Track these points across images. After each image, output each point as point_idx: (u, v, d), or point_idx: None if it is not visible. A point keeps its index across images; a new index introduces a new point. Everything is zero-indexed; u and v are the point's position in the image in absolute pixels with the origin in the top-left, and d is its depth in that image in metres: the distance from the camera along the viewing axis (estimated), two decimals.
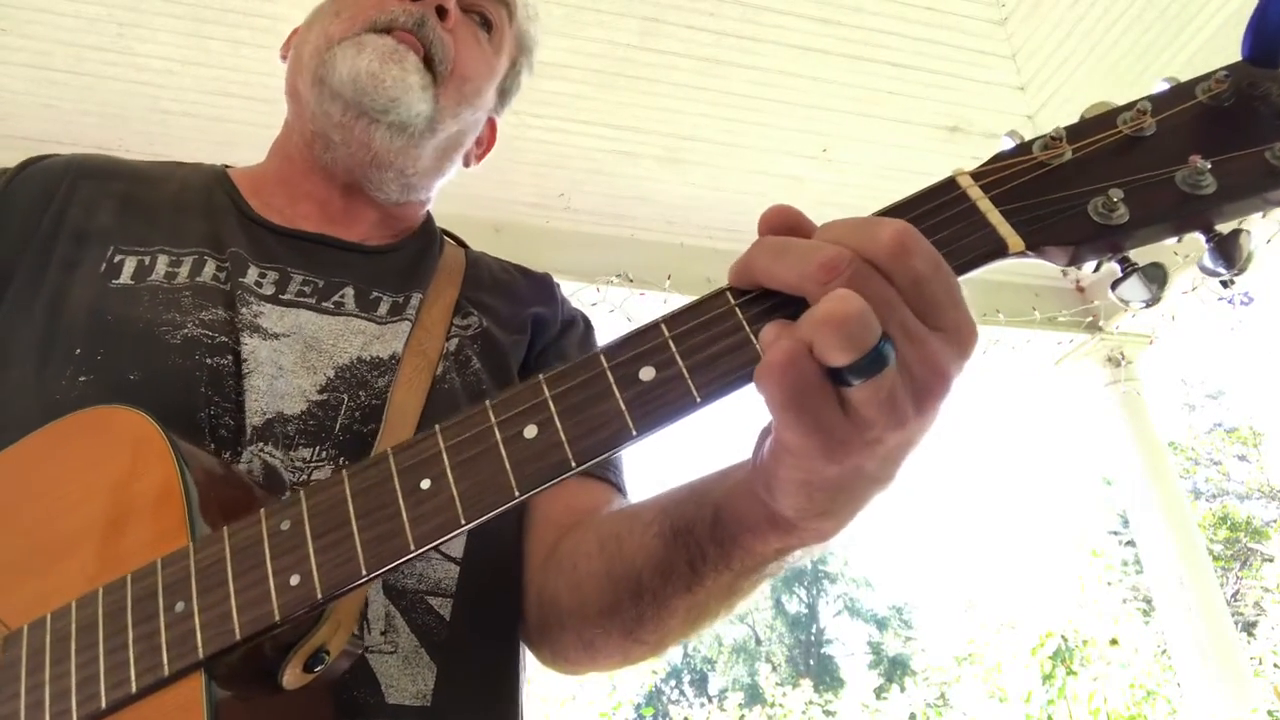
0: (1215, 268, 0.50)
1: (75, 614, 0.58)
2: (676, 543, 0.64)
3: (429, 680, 0.73)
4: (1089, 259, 0.51)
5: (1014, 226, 0.49)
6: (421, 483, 0.52)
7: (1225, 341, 21.32)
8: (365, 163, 0.94)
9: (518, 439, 0.50)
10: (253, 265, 0.86)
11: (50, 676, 0.57)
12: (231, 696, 0.55)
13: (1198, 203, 0.49)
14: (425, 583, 0.76)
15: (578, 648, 0.78)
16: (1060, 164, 0.51)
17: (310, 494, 0.56)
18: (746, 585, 0.64)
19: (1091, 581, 10.07)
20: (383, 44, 0.90)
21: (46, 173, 0.92)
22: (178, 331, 0.77)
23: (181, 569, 0.57)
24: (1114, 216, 0.49)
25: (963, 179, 0.51)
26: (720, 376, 0.48)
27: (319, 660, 0.60)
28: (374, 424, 0.78)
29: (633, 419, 0.48)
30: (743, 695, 19.50)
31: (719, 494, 0.61)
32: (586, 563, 0.75)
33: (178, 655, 0.54)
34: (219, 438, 0.73)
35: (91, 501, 0.63)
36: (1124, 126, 0.52)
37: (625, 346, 0.50)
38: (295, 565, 0.54)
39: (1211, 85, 0.52)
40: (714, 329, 0.49)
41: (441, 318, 0.89)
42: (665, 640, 0.73)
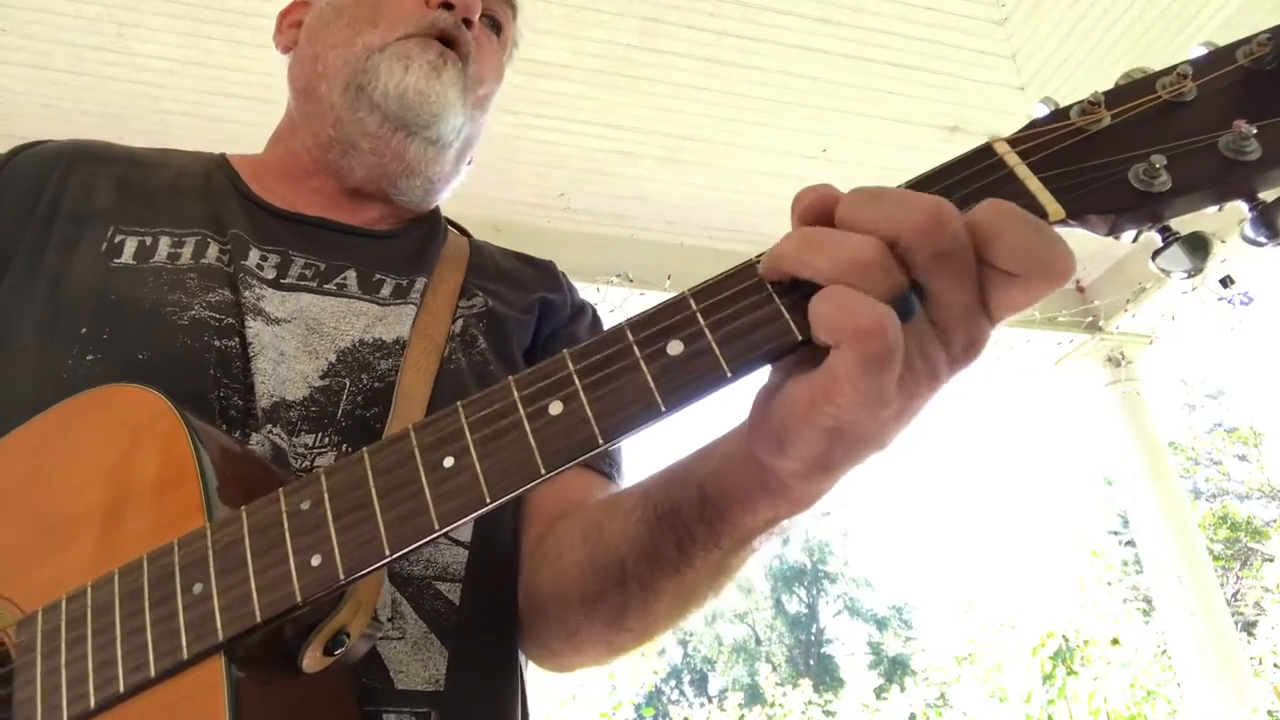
0: (1257, 237, 0.48)
1: (91, 596, 0.57)
2: (662, 526, 0.64)
3: (440, 665, 0.73)
4: (1129, 228, 0.49)
5: (1053, 194, 0.48)
6: (444, 461, 0.51)
7: (1225, 341, 21.33)
8: (395, 172, 0.94)
9: (542, 415, 0.49)
10: (254, 248, 0.86)
11: (66, 660, 0.56)
12: (251, 679, 0.54)
13: (1242, 169, 0.47)
14: (433, 568, 0.76)
15: (561, 638, 0.78)
16: (1099, 130, 0.50)
17: (330, 473, 0.54)
18: (734, 563, 0.64)
19: (1092, 581, 10.07)
20: (429, 54, 0.90)
21: (40, 157, 0.91)
22: (185, 313, 0.77)
23: (199, 549, 0.55)
24: (1156, 184, 0.47)
25: (999, 145, 0.50)
26: (751, 349, 0.47)
27: (339, 643, 0.59)
28: (377, 408, 0.78)
29: (661, 394, 0.47)
30: (743, 695, 19.50)
31: (704, 472, 0.60)
32: (570, 554, 0.75)
33: (196, 638, 0.53)
34: (229, 419, 0.73)
35: (105, 481, 0.61)
36: (1164, 91, 0.50)
37: (651, 320, 0.49)
38: (316, 545, 0.53)
39: (1254, 49, 0.50)
40: (743, 301, 0.48)
41: (447, 301, 0.89)
42: (651, 627, 0.73)
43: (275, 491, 0.56)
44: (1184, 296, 4.29)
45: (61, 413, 0.66)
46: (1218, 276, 4.15)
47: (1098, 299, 4.51)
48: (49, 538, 0.62)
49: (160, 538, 0.57)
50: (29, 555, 0.62)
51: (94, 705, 0.54)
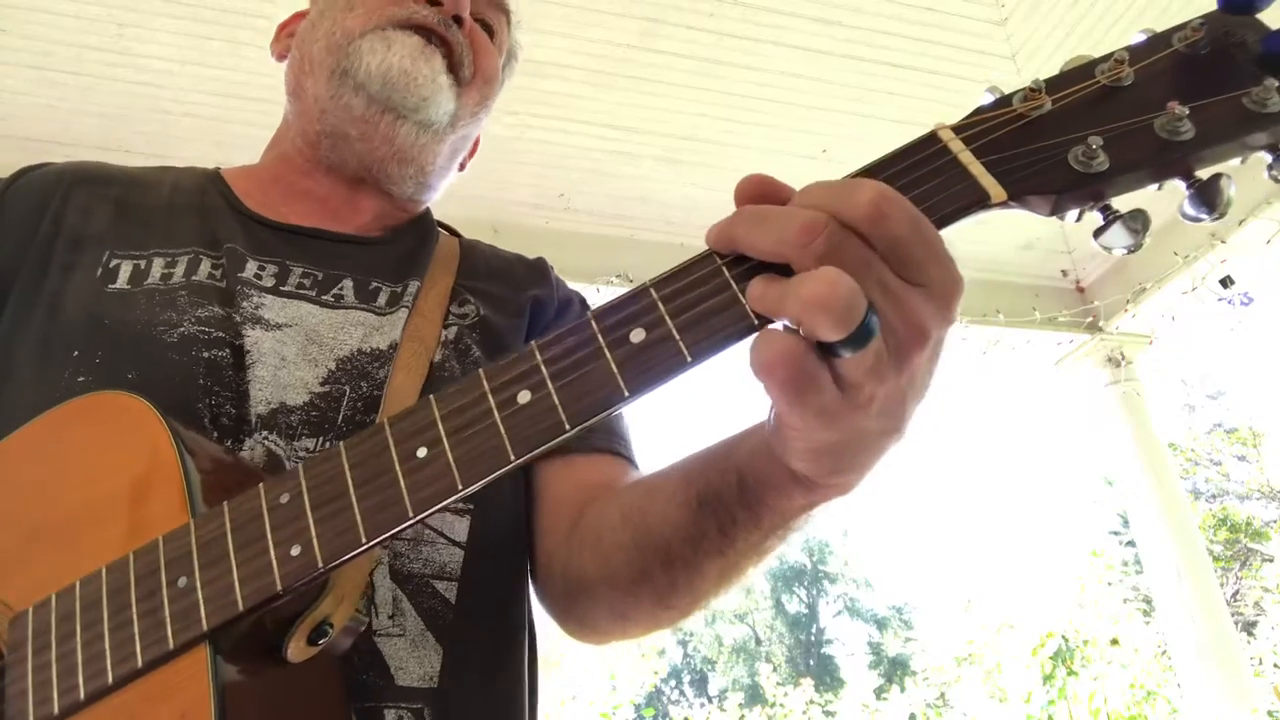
0: (1196, 213, 0.50)
1: (79, 593, 0.59)
2: (704, 511, 0.65)
3: (435, 663, 0.74)
4: (1071, 208, 0.51)
5: (996, 177, 0.50)
6: (418, 451, 0.53)
7: (1225, 341, 21.33)
8: (386, 157, 0.94)
9: (512, 404, 0.51)
10: (251, 259, 0.87)
11: (57, 655, 0.57)
12: (237, 670, 0.56)
13: (1177, 148, 0.49)
14: (430, 567, 0.77)
15: (610, 618, 0.79)
16: (1040, 115, 0.52)
17: (308, 466, 0.56)
18: (775, 541, 0.65)
19: (1092, 582, 10.08)
20: (412, 42, 0.90)
21: (42, 180, 0.93)
22: (174, 330, 0.78)
23: (183, 545, 0.57)
24: (1094, 164, 0.49)
25: (944, 132, 0.52)
26: (710, 335, 0.48)
27: (323, 633, 0.61)
28: (375, 414, 0.79)
29: (625, 380, 0.49)
30: (743, 695, 19.51)
31: (740, 458, 0.62)
32: (612, 535, 0.76)
33: (182, 628, 0.55)
34: (221, 426, 0.74)
35: (90, 485, 0.63)
36: (1102, 76, 0.52)
37: (615, 310, 0.51)
38: (296, 536, 0.54)
39: (1188, 34, 0.52)
40: (702, 289, 0.50)
41: (438, 304, 0.90)
42: (696, 604, 0.74)
43: (256, 487, 0.57)
44: (1184, 296, 4.29)
45: (47, 420, 0.67)
46: (1218, 277, 4.15)
47: (1098, 299, 4.51)
48: (39, 540, 0.63)
49: (145, 537, 0.59)
50: (20, 557, 0.63)
51: (83, 696, 0.56)
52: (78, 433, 0.66)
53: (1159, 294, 4.32)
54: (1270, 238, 3.89)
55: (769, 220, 0.47)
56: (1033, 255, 4.54)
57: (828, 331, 0.43)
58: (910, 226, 0.46)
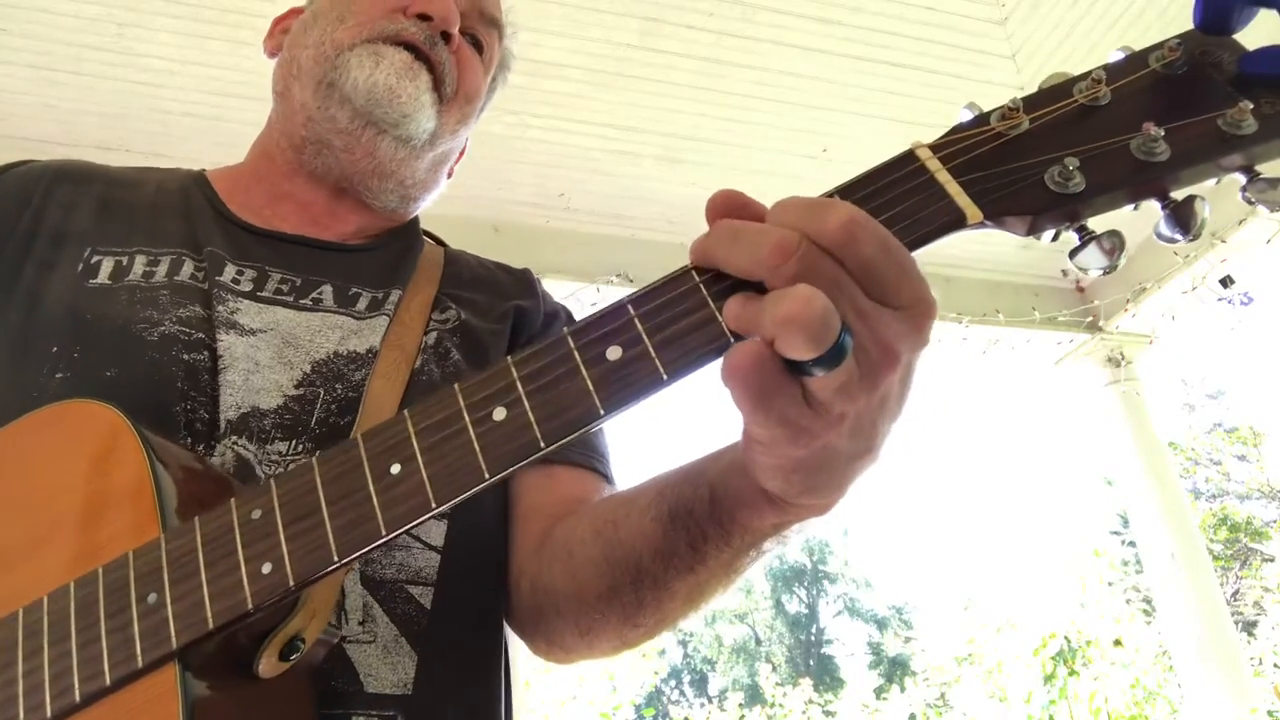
0: (1171, 234, 0.50)
1: (48, 608, 0.58)
2: (675, 525, 0.65)
3: (409, 669, 0.73)
4: (1047, 228, 0.51)
5: (972, 197, 0.49)
6: (391, 468, 0.52)
7: (1225, 341, 21.32)
8: (366, 171, 0.94)
9: (486, 421, 0.50)
10: (230, 263, 0.86)
11: (23, 671, 0.56)
12: (207, 686, 0.55)
13: (1152, 170, 0.49)
14: (405, 572, 0.76)
15: (574, 635, 0.78)
16: (1018, 134, 0.51)
17: (281, 482, 0.55)
18: (745, 561, 0.65)
19: (1093, 581, 10.07)
20: (400, 58, 0.91)
21: (23, 178, 0.92)
22: (155, 329, 0.78)
23: (153, 560, 0.56)
24: (1070, 185, 0.49)
25: (921, 151, 0.52)
26: (686, 354, 0.48)
27: (294, 649, 0.60)
28: (350, 416, 0.78)
29: (600, 398, 0.49)
30: (743, 695, 19.49)
31: (713, 474, 0.61)
32: (582, 549, 0.75)
33: (151, 646, 0.54)
34: (194, 431, 0.74)
35: (61, 496, 0.62)
36: (1080, 96, 0.52)
37: (592, 327, 0.51)
38: (267, 553, 0.54)
39: (1165, 53, 0.52)
40: (679, 307, 0.49)
41: (420, 312, 0.90)
42: (662, 623, 0.73)
43: (228, 502, 0.57)
44: (1184, 296, 4.29)
45: (18, 429, 0.66)
46: (1218, 276, 4.15)
47: (1098, 299, 4.51)
48: (6, 553, 0.62)
49: (116, 550, 0.58)
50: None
51: (50, 715, 0.55)
52: (48, 443, 0.65)
53: (1159, 294, 4.32)
54: (1270, 238, 3.89)
55: (742, 239, 0.47)
56: (1033, 255, 4.53)
57: (801, 349, 0.43)
58: (881, 248, 0.46)
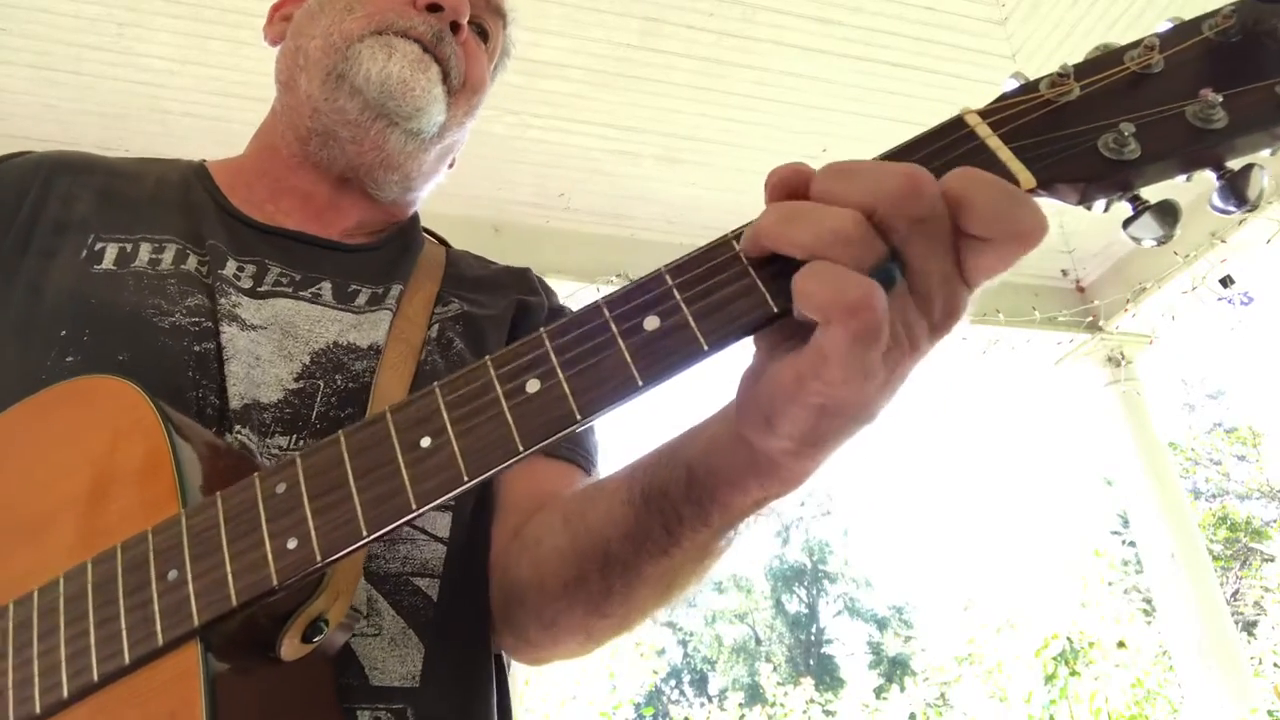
0: (1226, 205, 0.49)
1: (64, 587, 0.56)
2: (649, 508, 0.64)
3: (417, 661, 0.73)
4: (1099, 197, 0.50)
5: (1024, 163, 0.48)
6: (421, 441, 0.51)
7: (1225, 341, 21.32)
8: (374, 163, 0.94)
9: (520, 393, 0.49)
10: (231, 258, 0.86)
11: (38, 651, 0.55)
12: (229, 667, 0.53)
13: (1209, 137, 0.48)
14: (411, 564, 0.76)
15: (538, 628, 0.77)
16: (1068, 101, 0.50)
17: (306, 455, 0.54)
18: (719, 545, 0.64)
19: (1093, 581, 10.06)
20: (412, 50, 0.90)
21: (20, 169, 0.92)
22: (166, 318, 0.78)
23: (173, 536, 0.54)
24: (1125, 152, 0.48)
25: (970, 117, 0.51)
26: (727, 323, 0.47)
27: (318, 630, 0.58)
28: (351, 409, 0.78)
29: (639, 369, 0.47)
30: (743, 695, 19.50)
31: (691, 452, 0.60)
32: (550, 538, 0.75)
33: (172, 624, 0.52)
34: (205, 418, 0.73)
35: (78, 472, 0.60)
36: (1131, 63, 0.51)
37: (628, 296, 0.49)
38: (293, 528, 0.52)
39: (1218, 21, 0.51)
40: (719, 275, 0.48)
41: (423, 308, 0.89)
42: (631, 614, 0.72)
43: (251, 476, 0.55)
44: (1184, 296, 4.29)
45: (33, 405, 0.65)
46: (1218, 276, 4.15)
47: (1098, 299, 4.51)
48: (23, 529, 0.61)
49: (135, 526, 0.56)
50: (2, 547, 0.61)
51: (67, 694, 0.53)
52: (64, 418, 0.63)
53: (1159, 294, 4.32)
54: (1270, 238, 3.89)
55: (799, 220, 0.47)
56: (1033, 255, 4.41)
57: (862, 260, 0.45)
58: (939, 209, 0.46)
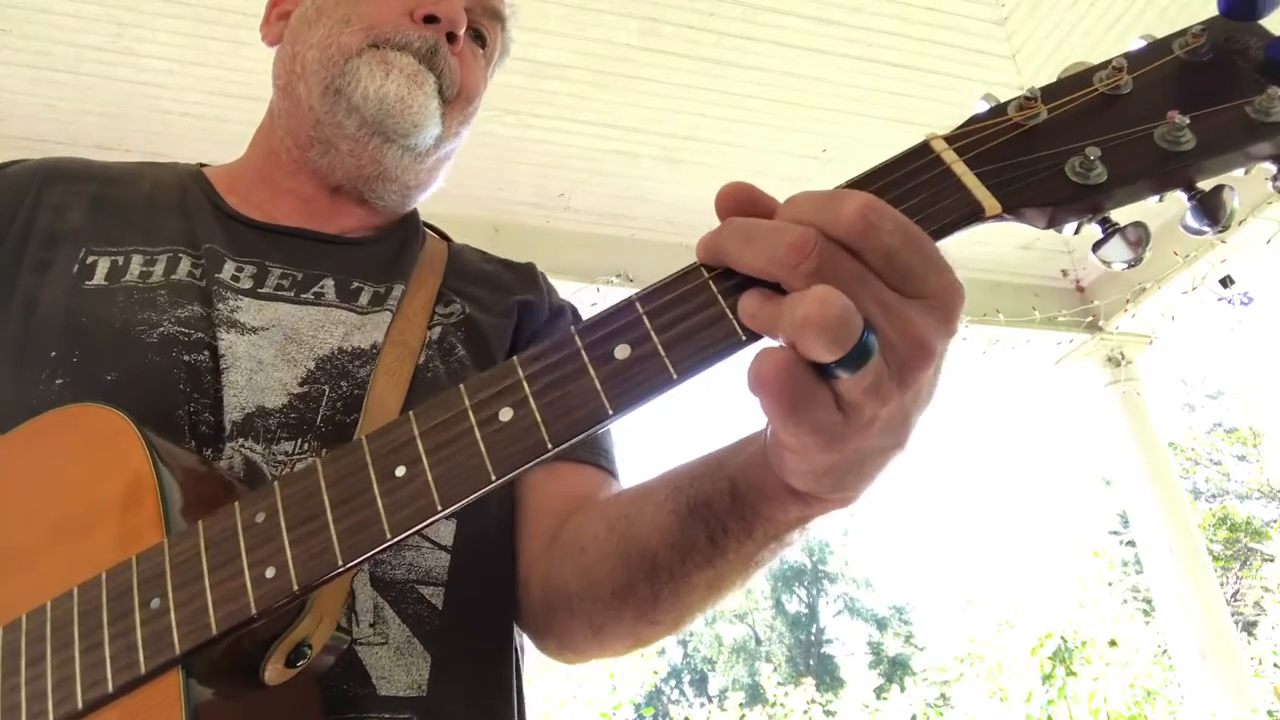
0: (1199, 226, 0.48)
1: (51, 614, 0.57)
2: (694, 518, 0.64)
3: (424, 670, 0.73)
4: (1068, 220, 0.49)
5: (990, 189, 0.48)
6: (396, 470, 0.51)
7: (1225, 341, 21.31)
8: (371, 176, 0.94)
9: (493, 422, 0.49)
10: (229, 260, 0.86)
11: (26, 678, 0.56)
12: (212, 694, 0.54)
13: (1177, 159, 0.48)
14: (416, 572, 0.76)
15: (587, 633, 0.77)
16: (1036, 124, 0.50)
17: (285, 484, 0.55)
18: (767, 554, 0.63)
19: (1092, 581, 10.07)
20: (408, 64, 0.90)
21: (14, 178, 0.92)
22: (154, 330, 0.77)
23: (157, 565, 0.55)
24: (1091, 176, 0.48)
25: (936, 143, 0.50)
26: (697, 352, 0.47)
27: (301, 655, 0.59)
28: (356, 414, 0.77)
29: (609, 398, 0.47)
30: (743, 695, 19.50)
31: (734, 466, 0.60)
32: (595, 545, 0.74)
33: (154, 652, 0.53)
34: (199, 434, 0.73)
35: (65, 501, 0.62)
36: (1100, 85, 0.50)
37: (599, 325, 0.49)
38: (270, 557, 0.53)
39: (1189, 40, 0.50)
40: (688, 304, 0.48)
41: (423, 307, 0.89)
42: (681, 619, 0.72)
43: (231, 505, 0.56)
44: (1184, 296, 4.29)
45: (23, 434, 0.66)
46: (1218, 277, 4.15)
47: (1098, 299, 4.51)
48: (12, 558, 0.62)
49: (120, 554, 0.57)
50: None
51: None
52: (52, 447, 0.64)
53: (1159, 294, 4.32)
54: (1270, 238, 3.89)
55: (757, 238, 0.45)
56: (1033, 255, 4.53)
57: (823, 352, 0.42)
58: (901, 236, 0.44)
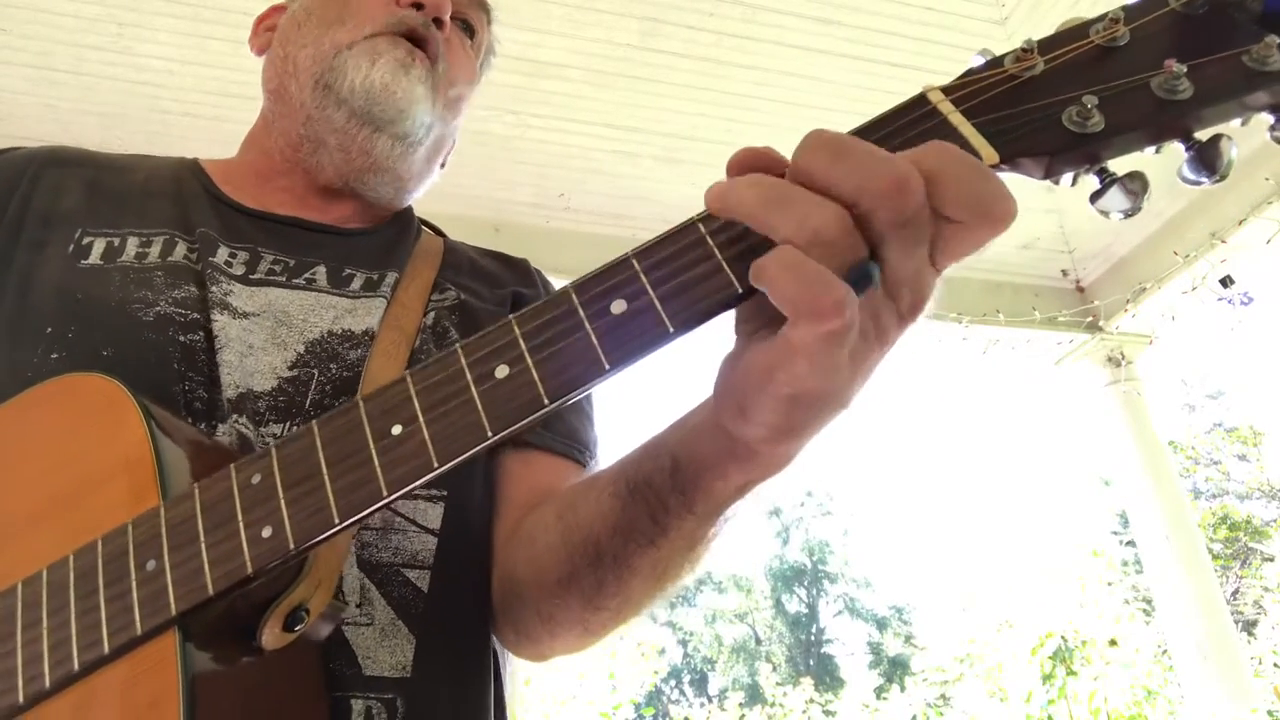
0: (1196, 176, 0.48)
1: (47, 579, 0.57)
2: (635, 498, 0.64)
3: (408, 652, 0.73)
4: (1065, 170, 0.49)
5: (987, 138, 0.48)
6: (393, 428, 0.51)
7: (1225, 341, 21.32)
8: (363, 168, 0.94)
9: (489, 379, 0.50)
10: (223, 245, 0.86)
11: (23, 641, 0.56)
12: (209, 656, 0.54)
13: (1175, 108, 0.48)
14: (402, 555, 0.77)
15: (537, 622, 0.78)
16: (1033, 76, 0.50)
17: (281, 446, 0.55)
18: (708, 532, 0.64)
19: (1092, 581, 10.07)
20: (397, 53, 0.91)
21: (11, 162, 0.92)
22: (150, 309, 0.78)
23: (152, 528, 0.56)
24: (1089, 125, 0.48)
25: (933, 94, 0.51)
26: (692, 305, 0.47)
27: (298, 619, 0.59)
28: (345, 397, 0.78)
29: (605, 352, 0.48)
30: (743, 695, 19.50)
31: (674, 442, 0.61)
32: (544, 535, 0.75)
33: (150, 613, 0.53)
34: (194, 411, 0.74)
35: (62, 468, 0.62)
36: (1097, 36, 0.50)
37: (595, 281, 0.50)
38: (267, 517, 0.53)
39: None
40: (685, 258, 0.48)
41: (419, 294, 0.89)
42: (626, 606, 0.73)
43: (227, 467, 0.56)
44: (1184, 296, 4.28)
45: (19, 404, 0.66)
46: (1218, 277, 4.15)
47: (1098, 299, 4.51)
48: (9, 525, 0.62)
49: (117, 519, 0.57)
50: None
51: (49, 684, 0.54)
52: (49, 416, 0.65)
53: (1159, 294, 4.31)
54: (1270, 238, 3.89)
55: (790, 206, 0.45)
56: (1033, 255, 4.54)
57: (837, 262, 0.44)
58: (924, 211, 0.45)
